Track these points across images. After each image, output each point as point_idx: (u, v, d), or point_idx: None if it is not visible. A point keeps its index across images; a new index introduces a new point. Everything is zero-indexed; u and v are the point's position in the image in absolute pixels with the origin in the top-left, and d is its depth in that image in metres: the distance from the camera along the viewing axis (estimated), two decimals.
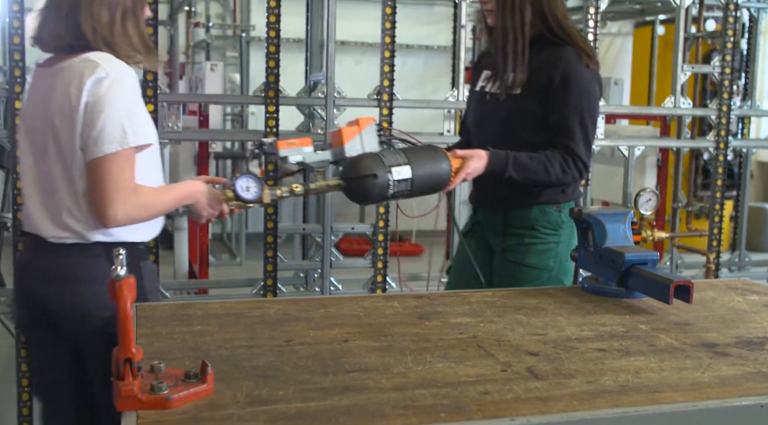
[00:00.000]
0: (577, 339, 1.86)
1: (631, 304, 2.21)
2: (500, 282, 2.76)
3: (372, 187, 2.35)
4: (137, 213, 2.14)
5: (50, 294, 2.20)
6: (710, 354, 1.77)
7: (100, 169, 2.07)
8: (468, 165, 2.51)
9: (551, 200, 2.73)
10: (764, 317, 2.11)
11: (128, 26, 2.19)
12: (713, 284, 2.53)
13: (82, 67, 2.11)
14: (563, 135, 2.62)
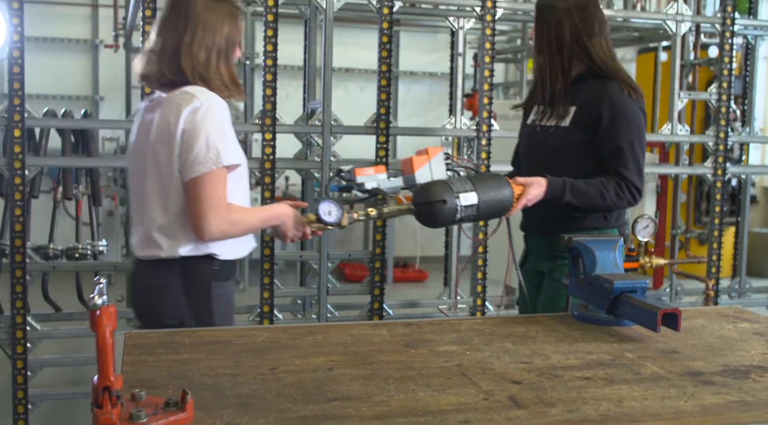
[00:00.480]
0: (562, 367, 1.86)
1: (620, 332, 2.21)
2: (546, 301, 2.92)
3: (441, 212, 2.54)
4: (229, 228, 2.38)
5: (135, 301, 2.56)
6: (695, 382, 1.77)
7: (196, 188, 2.32)
8: (528, 191, 2.69)
9: (593, 226, 2.90)
10: (753, 345, 2.11)
11: (221, 65, 2.47)
12: (704, 312, 2.53)
13: (180, 99, 2.37)
14: (616, 163, 2.79)
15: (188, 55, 2.41)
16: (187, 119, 2.33)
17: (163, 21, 2.49)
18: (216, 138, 2.33)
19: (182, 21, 2.44)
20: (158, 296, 2.46)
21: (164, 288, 2.45)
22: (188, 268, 2.44)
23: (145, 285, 2.51)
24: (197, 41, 2.42)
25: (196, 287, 2.46)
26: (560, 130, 2.87)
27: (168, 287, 2.44)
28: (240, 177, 2.46)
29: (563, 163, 2.85)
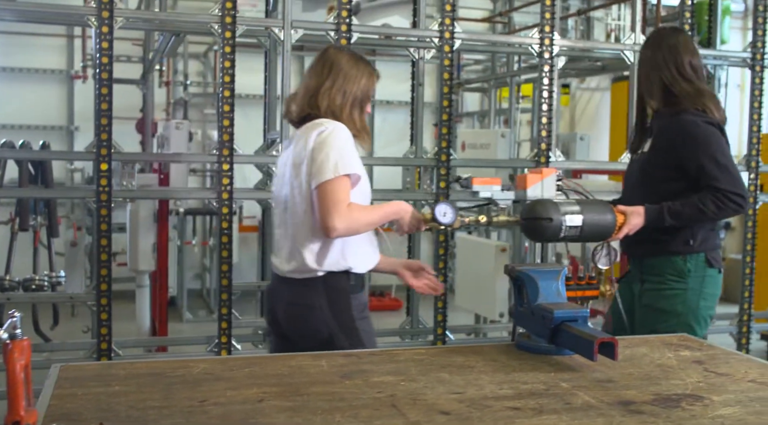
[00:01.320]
0: (494, 397, 1.86)
1: (560, 361, 2.21)
2: (638, 325, 3.10)
3: (546, 228, 2.82)
4: (352, 223, 2.64)
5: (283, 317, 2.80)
6: (623, 412, 1.77)
7: (320, 193, 2.63)
8: (629, 220, 2.95)
9: (677, 250, 3.04)
10: (690, 374, 2.12)
11: (355, 112, 2.80)
12: (648, 340, 2.54)
13: (311, 127, 2.72)
14: (705, 179, 2.96)
15: (326, 96, 2.76)
16: (315, 140, 2.67)
17: (310, 69, 2.86)
18: (336, 152, 2.64)
19: (326, 69, 2.79)
20: (307, 311, 2.75)
21: (312, 304, 2.74)
22: (330, 284, 2.74)
23: (293, 302, 2.77)
24: (336, 86, 2.77)
25: (339, 300, 2.75)
26: (643, 157, 3.14)
27: (315, 302, 2.73)
28: (362, 190, 2.76)
29: (650, 185, 3.08)
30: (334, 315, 2.74)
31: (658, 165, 3.05)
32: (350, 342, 2.74)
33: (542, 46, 4.09)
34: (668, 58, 3.09)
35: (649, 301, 3.06)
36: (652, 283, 3.07)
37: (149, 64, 6.19)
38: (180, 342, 4.12)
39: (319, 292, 2.74)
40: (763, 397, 1.91)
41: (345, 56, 2.84)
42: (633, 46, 4.25)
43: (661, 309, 3.04)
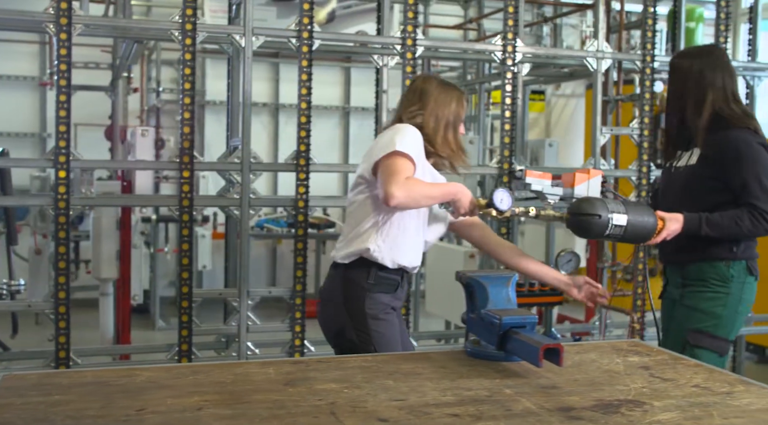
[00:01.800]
0: (435, 404, 1.86)
1: (508, 368, 2.22)
2: (677, 325, 3.21)
3: (593, 224, 2.92)
4: (411, 192, 2.70)
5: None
6: (562, 418, 1.78)
7: (382, 166, 2.73)
8: (668, 226, 3.06)
9: (720, 256, 3.16)
10: (635, 379, 2.12)
11: (449, 134, 2.95)
12: (599, 345, 2.55)
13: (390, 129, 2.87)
14: (746, 196, 3.08)
15: (419, 117, 2.92)
16: (386, 135, 2.83)
17: (404, 96, 3.08)
18: (399, 136, 2.76)
19: (417, 96, 2.98)
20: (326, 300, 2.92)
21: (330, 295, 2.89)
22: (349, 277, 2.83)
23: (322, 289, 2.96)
24: (428, 111, 2.93)
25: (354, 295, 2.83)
26: (689, 169, 3.22)
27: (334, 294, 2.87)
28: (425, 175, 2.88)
29: (693, 197, 3.18)
30: (347, 309, 2.83)
31: (705, 176, 3.15)
32: (360, 340, 2.79)
33: (505, 53, 4.10)
34: (721, 78, 3.21)
35: (692, 303, 3.18)
36: (696, 287, 3.19)
37: (117, 70, 6.16)
38: (141, 351, 4.10)
39: (338, 284, 2.86)
40: (703, 402, 1.93)
41: (434, 83, 3.01)
42: (596, 53, 4.27)
43: (703, 310, 3.16)
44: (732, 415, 1.83)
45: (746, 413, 1.85)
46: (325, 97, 9.81)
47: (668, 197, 3.33)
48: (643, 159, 4.38)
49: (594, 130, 4.31)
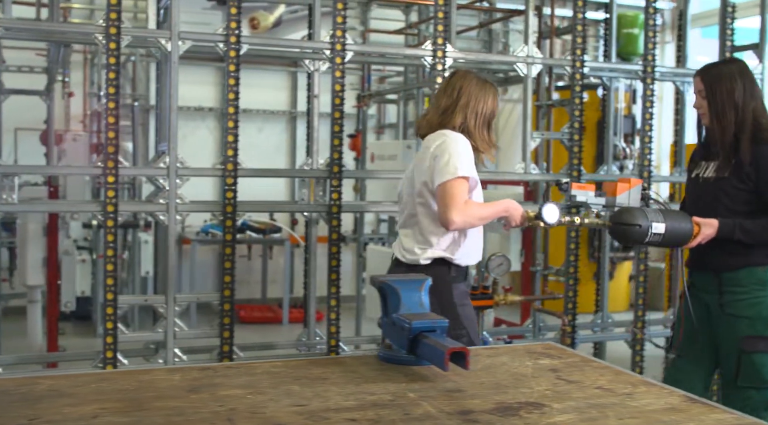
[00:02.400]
0: (336, 409, 1.86)
1: (417, 372, 2.22)
2: (723, 334, 3.36)
3: (634, 233, 3.25)
4: (468, 217, 3.02)
5: None
6: (460, 421, 1.79)
7: (442, 191, 3.02)
8: (703, 231, 3.27)
9: (757, 262, 3.33)
10: (541, 382, 2.14)
11: (484, 130, 3.20)
12: (513, 348, 2.57)
13: (435, 136, 3.16)
14: None
15: (459, 116, 3.17)
16: (438, 146, 3.09)
17: (440, 92, 3.29)
18: (456, 157, 3.04)
19: (456, 91, 3.21)
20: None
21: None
22: (434, 272, 2.95)
23: None
24: (470, 108, 3.18)
25: (441, 288, 3.09)
26: (721, 181, 3.37)
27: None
28: (477, 193, 3.18)
29: (723, 206, 3.35)
30: (438, 301, 3.04)
31: (739, 188, 3.32)
32: (452, 326, 2.89)
33: (435, 58, 4.13)
34: (755, 90, 3.41)
35: (735, 311, 3.32)
36: (736, 294, 3.33)
37: (52, 74, 6.08)
38: (66, 358, 4.04)
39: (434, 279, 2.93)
40: (603, 404, 1.95)
41: (473, 79, 3.25)
42: (526, 59, 4.31)
43: (748, 316, 3.30)
44: (627, 416, 1.85)
45: (642, 413, 1.88)
46: (272, 102, 9.78)
47: (699, 206, 3.44)
48: (573, 163, 4.42)
49: (524, 134, 4.35)
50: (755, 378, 3.32)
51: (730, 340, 3.34)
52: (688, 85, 4.94)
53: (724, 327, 3.36)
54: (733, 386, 3.37)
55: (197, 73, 9.72)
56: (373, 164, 6.42)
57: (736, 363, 3.33)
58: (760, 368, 3.30)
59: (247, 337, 4.63)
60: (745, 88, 3.36)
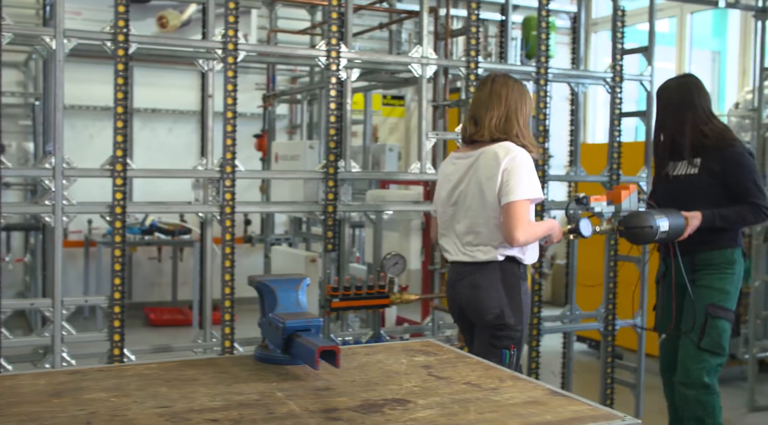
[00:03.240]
0: (199, 410, 1.86)
1: (291, 371, 2.24)
2: (697, 300, 3.96)
3: (647, 234, 3.87)
4: (529, 237, 3.38)
5: (464, 297, 3.50)
6: (321, 419, 1.81)
7: (511, 209, 3.33)
8: (691, 223, 3.91)
9: (726, 245, 3.99)
10: (411, 379, 2.18)
11: (526, 129, 3.52)
12: (390, 347, 2.60)
13: (501, 150, 3.39)
14: (747, 196, 3.93)
15: (513, 121, 3.46)
16: (507, 163, 3.34)
17: (484, 97, 3.51)
18: (526, 178, 3.35)
19: (503, 98, 3.47)
20: (485, 291, 3.43)
21: (490, 284, 3.43)
22: (505, 269, 3.44)
23: (474, 284, 3.46)
24: (519, 113, 3.49)
25: (511, 283, 3.44)
26: (691, 177, 4.03)
27: (493, 284, 3.43)
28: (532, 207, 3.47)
29: (697, 199, 3.98)
30: (507, 294, 3.43)
31: (710, 183, 3.97)
32: (516, 320, 3.43)
33: (329, 58, 4.13)
34: (700, 101, 4.05)
35: (707, 283, 3.97)
36: (709, 270, 3.99)
37: None
38: None
39: (496, 275, 3.43)
40: (467, 399, 1.99)
41: (513, 83, 3.53)
42: (420, 59, 4.34)
43: (716, 287, 3.96)
44: (488, 410, 1.90)
45: (502, 407, 1.92)
46: (182, 102, 9.66)
47: (672, 200, 4.05)
48: None
49: (420, 134, 4.39)
50: (715, 344, 3.92)
51: (699, 308, 3.94)
52: (582, 87, 5.06)
53: (697, 296, 3.97)
54: (694, 350, 3.94)
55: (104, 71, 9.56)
56: (278, 164, 6.41)
57: (702, 327, 3.93)
58: (721, 332, 3.93)
59: (155, 340, 4.53)
60: (691, 99, 4.04)
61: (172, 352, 4.15)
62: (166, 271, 9.80)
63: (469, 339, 3.63)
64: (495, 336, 3.41)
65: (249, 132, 9.42)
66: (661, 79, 4.29)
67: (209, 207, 4.00)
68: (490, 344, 3.41)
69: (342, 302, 4.14)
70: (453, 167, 3.59)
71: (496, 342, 3.41)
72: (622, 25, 5.03)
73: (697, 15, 10.42)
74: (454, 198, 3.55)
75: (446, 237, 3.62)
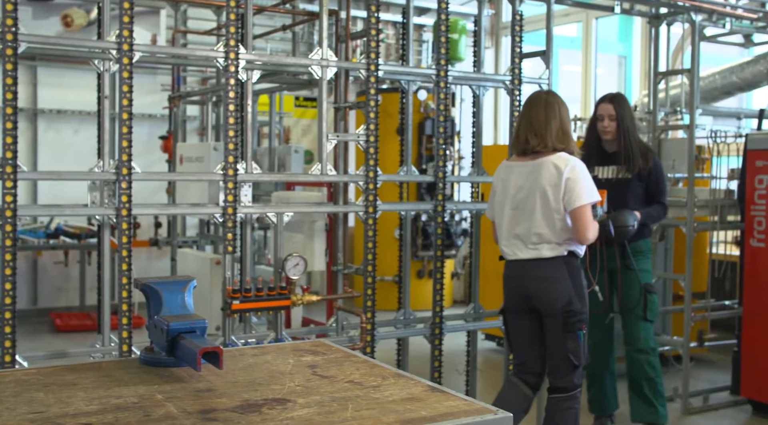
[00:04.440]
0: (73, 414, 1.84)
1: (175, 373, 2.23)
2: (630, 284, 4.94)
3: (630, 231, 4.73)
4: (595, 235, 4.07)
5: (535, 289, 4.08)
6: (197, 420, 1.81)
7: (579, 213, 3.99)
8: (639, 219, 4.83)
9: (646, 235, 5.03)
10: (294, 378, 2.19)
11: (571, 139, 4.13)
12: (280, 347, 2.61)
13: (561, 160, 4.03)
14: (660, 197, 5.00)
15: (567, 132, 4.11)
16: (569, 172, 3.98)
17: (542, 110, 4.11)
18: (587, 185, 4.01)
19: (557, 112, 4.10)
20: (555, 283, 4.04)
21: (559, 276, 4.04)
22: (569, 263, 4.07)
23: (544, 277, 4.05)
24: (568, 125, 4.14)
25: (574, 274, 4.07)
26: (626, 181, 4.92)
27: (561, 276, 4.04)
28: None
29: (628, 199, 4.89)
30: (572, 284, 4.04)
31: (639, 186, 4.93)
32: (581, 304, 4.04)
33: (227, 59, 4.12)
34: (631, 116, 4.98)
35: (641, 267, 4.94)
36: (639, 257, 4.95)
37: None
38: None
39: (563, 269, 4.04)
40: (346, 397, 2.01)
41: (559, 98, 4.19)
42: (320, 62, 4.36)
43: (647, 270, 5.00)
44: (365, 407, 1.92)
45: (380, 404, 1.95)
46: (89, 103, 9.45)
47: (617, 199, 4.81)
48: (370, 164, 4.51)
49: (320, 136, 4.40)
50: (654, 314, 4.96)
51: (636, 288, 4.90)
52: (483, 89, 5.14)
53: (630, 280, 4.91)
54: (641, 322, 4.92)
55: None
56: (183, 166, 6.34)
57: (644, 302, 4.88)
58: (656, 304, 4.97)
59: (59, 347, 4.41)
60: (629, 114, 4.95)
61: (69, 358, 4.07)
62: (74, 276, 9.58)
63: (517, 322, 4.25)
64: (568, 322, 3.99)
65: (157, 133, 9.32)
66: (564, 81, 4.46)
67: (105, 209, 3.94)
68: (565, 329, 4.00)
69: (242, 304, 4.12)
70: (511, 174, 4.19)
71: (569, 326, 3.99)
72: (521, 30, 5.13)
73: (603, 20, 10.70)
74: (516, 202, 4.14)
75: (507, 238, 4.18)
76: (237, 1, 4.15)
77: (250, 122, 4.39)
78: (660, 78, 6.34)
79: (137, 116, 9.84)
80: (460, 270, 10.66)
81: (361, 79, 4.60)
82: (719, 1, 6.03)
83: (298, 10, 6.38)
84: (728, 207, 6.12)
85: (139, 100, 9.45)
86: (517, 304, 4.17)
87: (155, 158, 9.12)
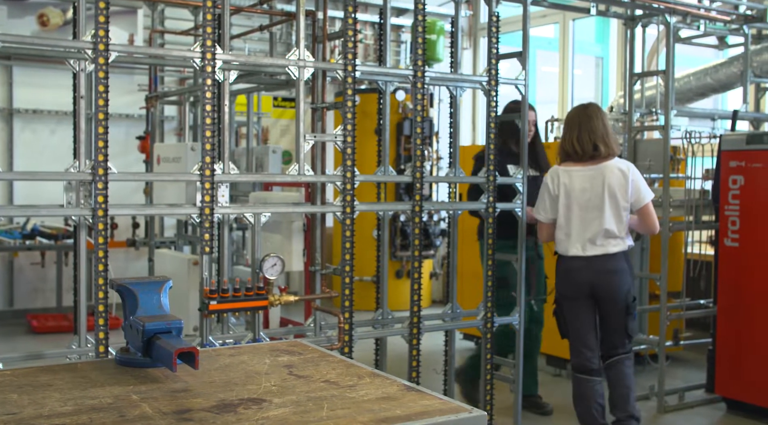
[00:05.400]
0: (48, 415, 1.83)
1: (150, 374, 2.23)
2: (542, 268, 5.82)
3: None
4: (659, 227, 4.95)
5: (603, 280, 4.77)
6: (172, 421, 1.81)
7: (648, 210, 4.78)
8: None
9: None
10: (270, 378, 2.20)
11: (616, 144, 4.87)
12: (256, 347, 2.61)
13: (620, 165, 4.78)
14: None
15: (615, 141, 4.83)
16: (633, 175, 4.73)
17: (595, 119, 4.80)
18: (645, 184, 4.81)
19: (603, 121, 4.82)
20: (621, 274, 4.74)
21: (624, 268, 4.75)
22: (627, 256, 4.80)
23: (613, 270, 4.73)
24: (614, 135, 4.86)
25: (630, 266, 4.83)
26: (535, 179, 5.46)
27: (625, 268, 4.76)
28: None
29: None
30: (631, 275, 4.82)
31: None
32: (634, 293, 4.84)
33: (204, 60, 4.11)
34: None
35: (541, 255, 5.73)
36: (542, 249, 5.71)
37: None
38: None
39: (624, 261, 4.76)
40: (322, 397, 2.02)
41: (599, 108, 4.89)
42: (297, 62, 4.36)
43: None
44: (340, 407, 1.93)
45: (355, 404, 1.96)
46: (66, 103, 9.39)
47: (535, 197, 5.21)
48: (347, 165, 4.52)
49: (297, 136, 4.40)
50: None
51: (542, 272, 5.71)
52: (461, 90, 5.16)
53: (541, 265, 5.70)
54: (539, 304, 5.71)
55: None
56: (160, 166, 6.32)
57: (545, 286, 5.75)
58: None
59: (35, 348, 4.39)
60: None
61: (45, 359, 4.06)
62: (51, 277, 9.52)
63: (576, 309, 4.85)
64: (629, 307, 4.75)
65: (134, 134, 9.27)
66: (542, 82, 4.50)
67: (81, 210, 3.93)
68: (627, 313, 4.76)
69: (220, 304, 4.12)
70: (573, 179, 4.81)
71: (631, 309, 4.77)
72: (497, 31, 5.15)
73: (580, 21, 10.75)
74: (582, 203, 4.76)
75: (569, 236, 4.81)
76: (214, 1, 4.14)
77: (228, 122, 4.38)
78: (635, 79, 6.39)
79: (114, 116, 9.79)
80: (439, 271, 10.69)
81: (339, 79, 4.60)
82: (693, 3, 6.09)
83: (276, 10, 6.36)
84: (703, 207, 6.18)
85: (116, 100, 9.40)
86: (580, 293, 4.80)
87: (132, 158, 9.08)
